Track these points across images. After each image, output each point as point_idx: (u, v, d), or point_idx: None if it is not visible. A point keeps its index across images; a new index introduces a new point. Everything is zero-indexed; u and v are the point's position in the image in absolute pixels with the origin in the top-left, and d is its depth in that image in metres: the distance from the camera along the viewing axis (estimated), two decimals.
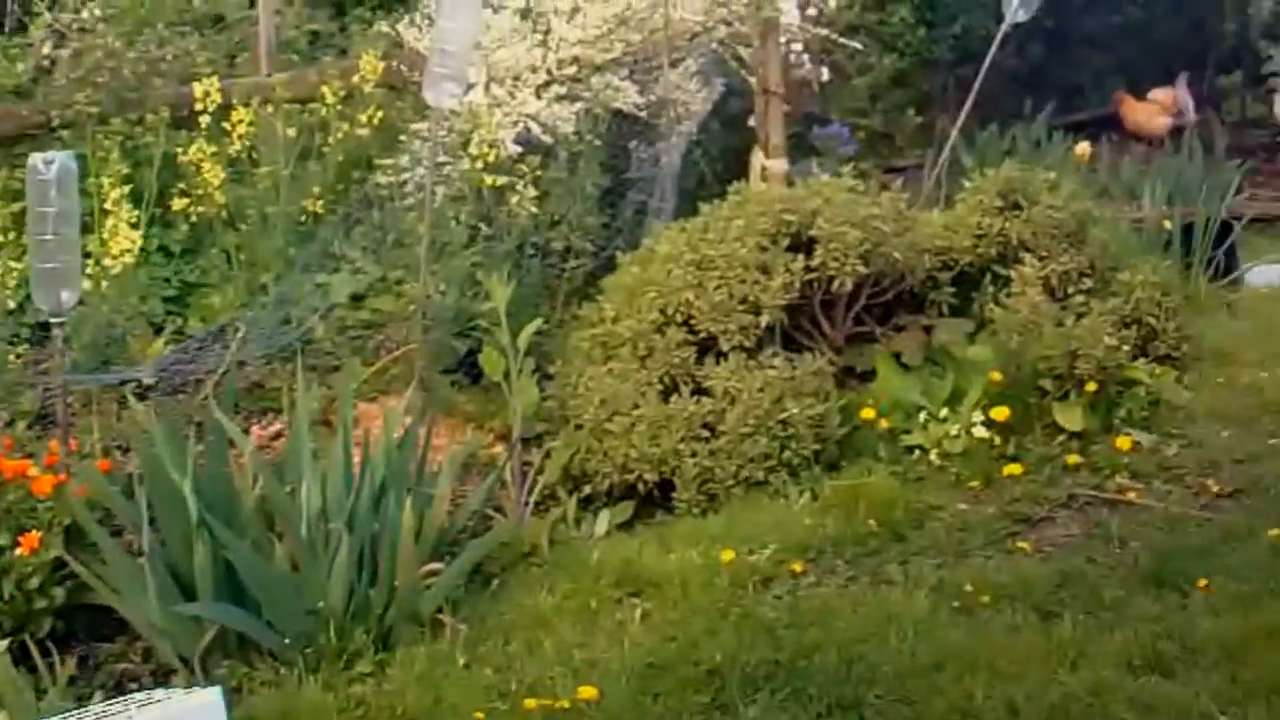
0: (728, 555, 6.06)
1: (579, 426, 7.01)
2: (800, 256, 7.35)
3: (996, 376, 7.29)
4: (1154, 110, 14.37)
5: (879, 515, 6.46)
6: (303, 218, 8.08)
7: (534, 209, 8.27)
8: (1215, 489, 6.75)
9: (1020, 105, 13.24)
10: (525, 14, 8.91)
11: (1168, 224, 9.90)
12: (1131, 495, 6.73)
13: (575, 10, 8.96)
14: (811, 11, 9.90)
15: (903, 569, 6.07)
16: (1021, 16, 10.15)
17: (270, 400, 7.43)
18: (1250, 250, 10.48)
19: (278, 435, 7.16)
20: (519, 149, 8.40)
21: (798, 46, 10.12)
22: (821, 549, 6.25)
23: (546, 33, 8.87)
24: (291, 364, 7.09)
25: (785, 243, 7.41)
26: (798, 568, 6.07)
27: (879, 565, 6.13)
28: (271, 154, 8.07)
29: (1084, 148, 12.19)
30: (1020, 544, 6.28)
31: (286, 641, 5.43)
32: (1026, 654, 5.27)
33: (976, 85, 10.17)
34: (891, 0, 13.60)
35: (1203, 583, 5.71)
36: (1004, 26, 10.18)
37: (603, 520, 6.69)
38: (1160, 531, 6.34)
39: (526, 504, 6.74)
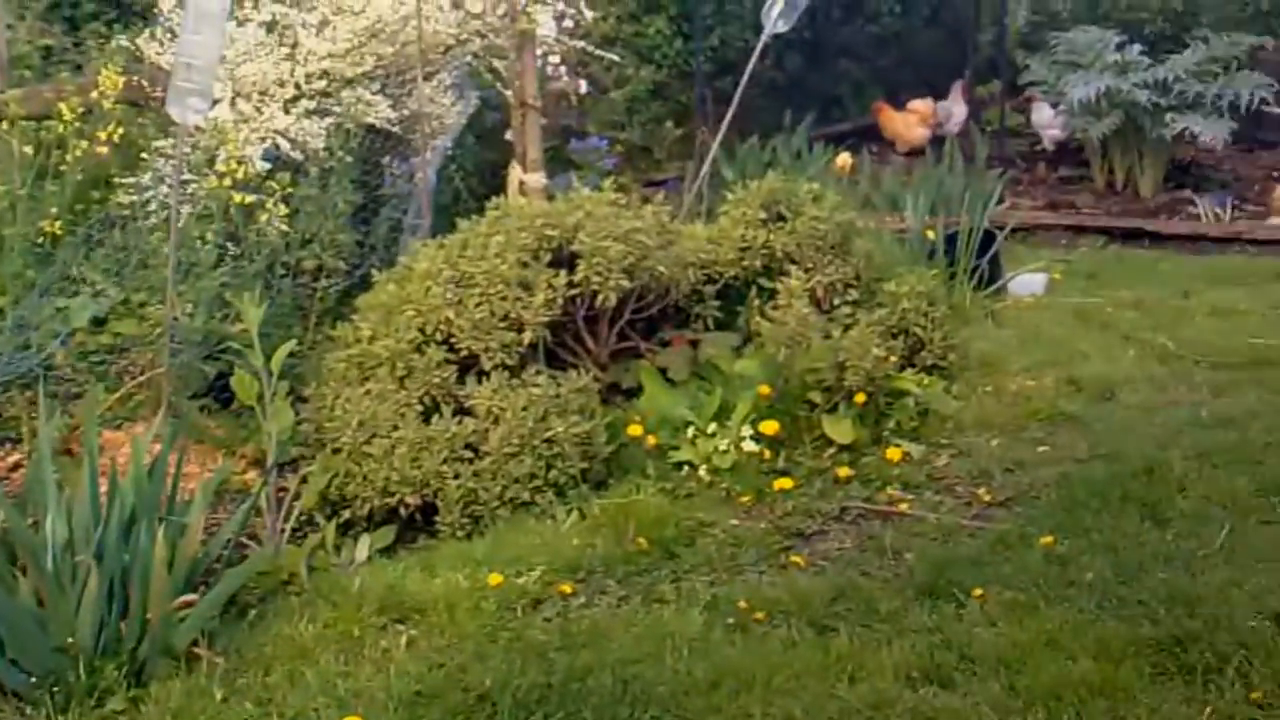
0: (495, 578, 6.02)
1: (336, 450, 6.94)
2: (563, 272, 7.36)
3: (765, 390, 7.36)
4: (913, 120, 14.67)
5: (649, 533, 6.46)
6: (40, 239, 7.88)
7: (284, 227, 8.15)
8: (986, 498, 6.87)
9: (780, 117, 13.42)
10: (271, 27, 8.80)
11: (931, 234, 10.07)
12: (903, 506, 6.82)
13: (324, 23, 8.87)
14: (568, 23, 9.90)
15: (675, 587, 6.08)
16: (781, 27, 10.30)
17: (9, 429, 7.25)
18: (1013, 259, 10.70)
19: (17, 466, 6.98)
20: (268, 166, 8.30)
21: (555, 59, 10.14)
22: (591, 569, 6.24)
23: (294, 46, 8.77)
24: (31, 391, 6.92)
25: (547, 258, 7.41)
26: (567, 589, 6.05)
27: (651, 584, 6.13)
28: (6, 173, 7.88)
29: (845, 159, 12.41)
30: (794, 558, 6.34)
31: (32, 680, 5.28)
32: (803, 669, 5.31)
33: (737, 97, 10.28)
34: (648, 11, 13.69)
35: (978, 592, 5.80)
36: (764, 37, 10.32)
37: (363, 546, 6.61)
38: (934, 542, 6.43)
39: (283, 531, 6.62)
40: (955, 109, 15.03)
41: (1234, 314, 9.68)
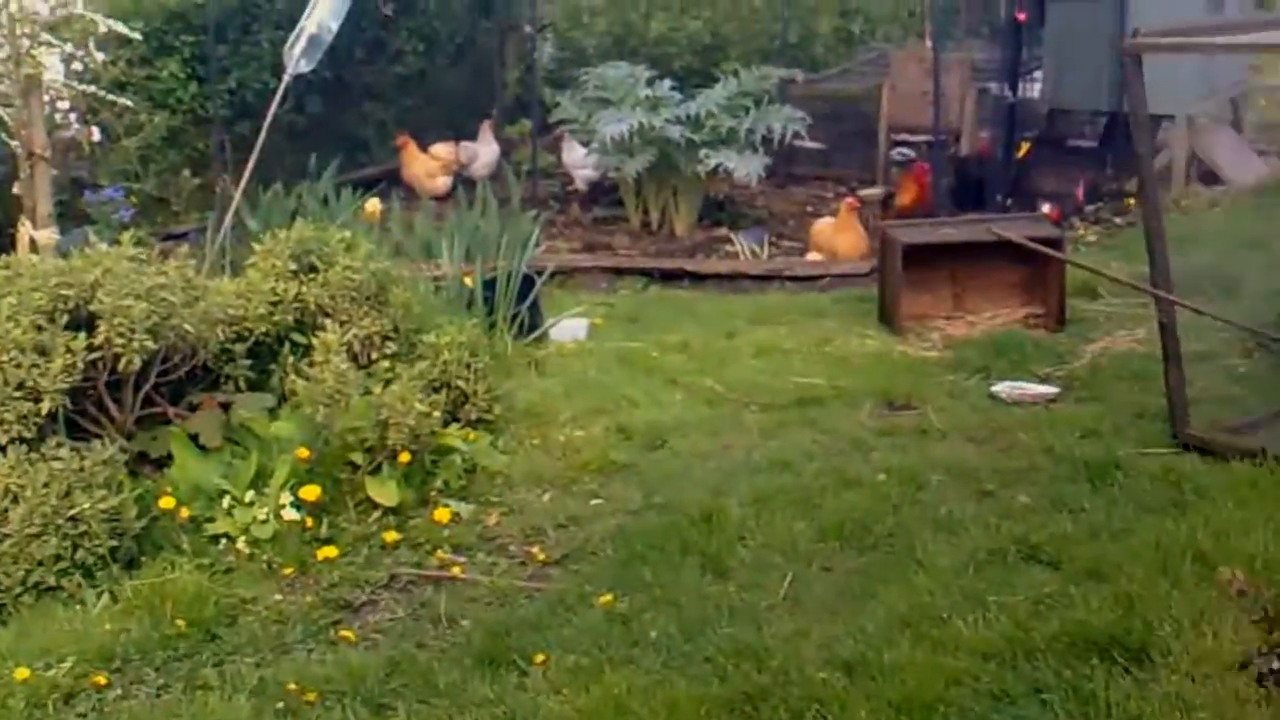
0: (22, 672, 5.77)
1: None
2: (82, 334, 7.11)
3: (303, 453, 7.24)
4: (435, 168, 14.68)
5: (187, 614, 6.27)
6: None
7: None
8: (541, 557, 6.87)
9: (305, 162, 13.25)
10: None
11: (469, 281, 10.03)
12: (456, 570, 6.77)
13: None
14: (77, 66, 9.60)
15: (219, 671, 5.90)
16: (304, 67, 10.22)
17: None
18: (553, 304, 10.73)
19: None
20: None
21: (64, 104, 9.82)
22: (127, 657, 6.01)
23: None
24: None
25: (64, 320, 7.15)
26: (102, 680, 5.82)
27: (192, 669, 5.94)
28: None
29: (374, 204, 12.34)
30: (344, 633, 6.22)
31: None
32: None
33: (259, 143, 10.13)
34: (160, 54, 13.39)
35: (540, 658, 5.79)
36: (285, 78, 10.19)
37: None
38: (490, 607, 6.40)
39: None
40: (483, 150, 15.10)
41: (778, 353, 9.88)
